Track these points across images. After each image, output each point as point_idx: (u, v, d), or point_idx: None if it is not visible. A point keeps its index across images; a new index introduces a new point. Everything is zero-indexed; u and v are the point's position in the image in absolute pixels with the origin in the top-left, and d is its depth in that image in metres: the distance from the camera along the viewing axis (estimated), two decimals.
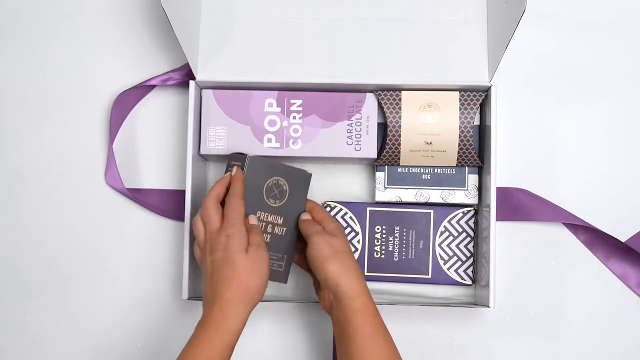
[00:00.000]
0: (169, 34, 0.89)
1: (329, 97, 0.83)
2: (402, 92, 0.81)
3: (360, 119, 0.83)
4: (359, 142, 0.83)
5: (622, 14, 0.89)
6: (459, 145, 0.80)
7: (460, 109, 0.80)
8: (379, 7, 0.83)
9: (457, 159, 0.82)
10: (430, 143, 0.80)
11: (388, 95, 0.81)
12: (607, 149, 0.88)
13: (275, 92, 0.83)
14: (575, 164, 0.88)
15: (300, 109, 0.83)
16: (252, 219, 0.76)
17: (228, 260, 0.70)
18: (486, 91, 0.82)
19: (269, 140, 0.83)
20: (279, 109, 0.83)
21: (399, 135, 0.80)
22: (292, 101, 0.83)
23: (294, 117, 0.83)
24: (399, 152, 0.81)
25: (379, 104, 0.81)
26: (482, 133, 0.84)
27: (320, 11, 0.84)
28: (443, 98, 0.81)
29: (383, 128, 0.83)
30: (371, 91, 0.83)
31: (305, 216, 0.79)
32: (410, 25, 0.83)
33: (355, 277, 0.72)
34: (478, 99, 0.80)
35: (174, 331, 0.87)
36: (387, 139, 0.81)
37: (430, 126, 0.80)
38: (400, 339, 0.86)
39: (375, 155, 0.82)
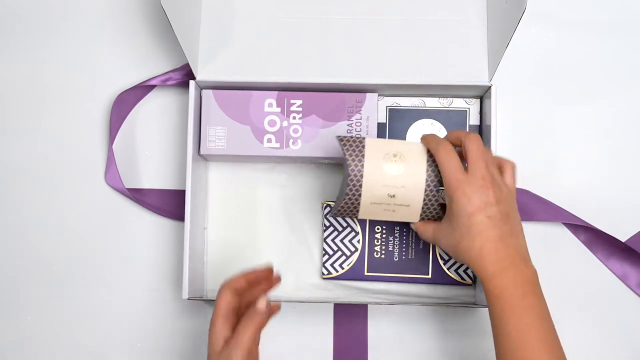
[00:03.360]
0: (169, 34, 0.89)
1: (329, 97, 0.83)
2: (366, 139, 0.74)
3: (360, 119, 0.83)
4: None
5: (622, 14, 0.89)
6: (424, 200, 0.73)
7: (428, 160, 0.73)
8: (378, 7, 0.83)
9: (421, 214, 0.75)
10: (394, 196, 0.73)
11: (351, 142, 0.73)
12: (608, 149, 0.88)
13: (275, 93, 0.83)
14: (575, 164, 0.88)
15: (300, 109, 0.83)
16: (261, 303, 0.67)
17: None
18: (484, 94, 0.82)
19: (269, 140, 0.83)
20: (278, 109, 0.83)
21: (360, 186, 0.73)
22: (292, 101, 0.83)
23: (294, 117, 0.83)
24: (359, 203, 0.74)
25: (341, 150, 0.73)
26: (482, 133, 0.84)
27: (320, 11, 0.84)
28: (409, 148, 0.74)
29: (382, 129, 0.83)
30: (371, 91, 0.83)
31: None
32: (410, 25, 0.83)
33: (488, 257, 0.66)
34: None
35: (174, 331, 0.87)
36: (347, 188, 0.73)
37: (395, 178, 0.73)
38: (400, 339, 0.87)
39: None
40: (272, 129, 0.83)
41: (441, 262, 0.84)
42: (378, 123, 0.84)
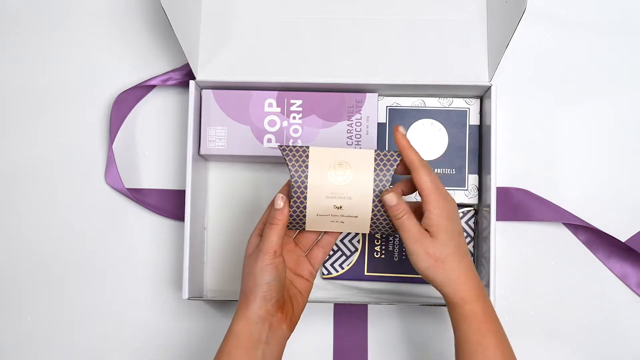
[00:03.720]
0: (169, 34, 0.89)
1: (329, 97, 0.83)
2: (310, 148, 0.70)
3: (360, 119, 0.83)
4: (359, 142, 0.83)
5: (622, 14, 0.89)
6: (373, 211, 0.70)
7: (375, 169, 0.70)
8: (378, 7, 0.83)
9: (371, 226, 0.72)
10: (340, 207, 0.70)
11: (294, 152, 0.69)
12: (608, 149, 0.88)
13: (275, 93, 0.83)
14: (575, 163, 0.88)
15: (300, 109, 0.83)
16: (277, 201, 0.70)
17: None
18: (484, 94, 0.82)
19: (269, 140, 0.83)
20: (278, 109, 0.83)
21: (305, 197, 0.70)
22: (292, 101, 0.83)
23: (294, 117, 0.83)
24: (304, 215, 0.71)
25: (284, 159, 0.70)
26: (482, 133, 0.84)
27: (320, 11, 0.84)
28: (355, 156, 0.70)
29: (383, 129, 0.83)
30: (371, 91, 0.83)
31: (392, 200, 0.69)
32: (410, 25, 0.83)
33: (462, 283, 0.69)
34: (395, 160, 0.70)
35: (174, 331, 0.87)
36: (292, 200, 0.70)
37: (341, 188, 0.70)
38: (400, 339, 0.87)
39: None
40: (272, 129, 0.83)
41: None
42: (378, 123, 0.84)
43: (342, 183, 0.70)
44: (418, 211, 0.72)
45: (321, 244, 0.77)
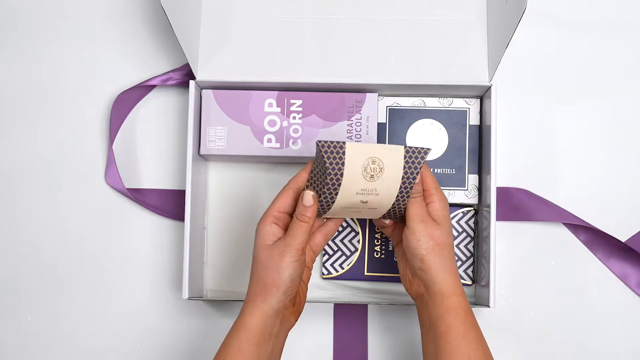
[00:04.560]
0: (169, 34, 0.89)
1: (328, 97, 0.83)
2: (347, 144, 0.68)
3: (360, 119, 0.83)
4: (360, 142, 0.82)
5: (622, 14, 0.89)
6: (392, 204, 0.72)
7: (404, 167, 0.70)
8: (379, 7, 0.83)
9: (384, 215, 0.74)
10: (366, 202, 0.71)
11: (332, 147, 0.68)
12: (608, 149, 0.88)
13: (275, 93, 0.83)
14: (575, 163, 0.88)
15: (300, 109, 0.83)
16: (307, 198, 0.70)
17: (253, 257, 0.71)
18: (484, 94, 0.82)
19: (269, 140, 0.83)
20: (278, 109, 0.83)
21: (336, 193, 0.70)
22: (292, 101, 0.83)
23: (294, 117, 0.83)
24: (329, 207, 0.72)
25: (320, 155, 0.69)
26: (482, 133, 0.84)
27: (320, 11, 0.84)
28: (387, 154, 0.70)
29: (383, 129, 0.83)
30: (371, 91, 0.83)
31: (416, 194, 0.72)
32: (410, 25, 0.83)
33: (451, 275, 0.70)
34: (423, 156, 0.70)
35: (174, 331, 0.87)
36: (322, 193, 0.70)
37: (371, 184, 0.70)
38: (400, 339, 0.86)
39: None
40: (272, 129, 0.83)
41: None
42: (378, 123, 0.84)
43: (374, 180, 0.70)
44: None
45: (324, 230, 0.76)
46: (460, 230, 0.84)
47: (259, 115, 0.83)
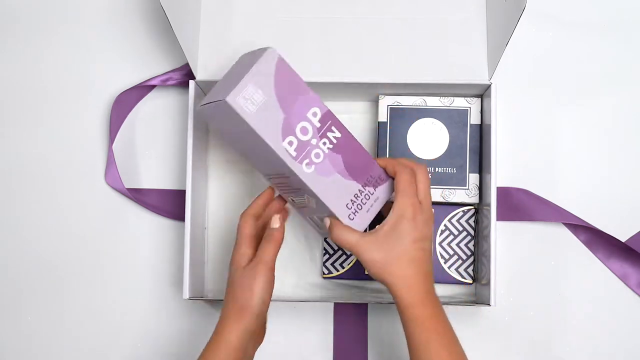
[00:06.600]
0: (169, 34, 0.89)
1: (362, 152, 0.74)
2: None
3: (372, 194, 0.75)
4: (355, 214, 0.74)
5: (622, 14, 0.89)
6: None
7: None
8: (379, 6, 0.84)
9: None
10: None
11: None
12: (607, 149, 0.88)
13: (326, 108, 0.73)
14: (575, 163, 0.88)
15: (335, 141, 0.73)
16: (274, 221, 0.74)
17: (228, 279, 0.74)
18: (484, 93, 0.82)
19: (290, 143, 0.71)
20: (318, 124, 0.72)
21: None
22: (333, 128, 0.73)
23: (324, 143, 0.73)
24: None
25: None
26: (482, 132, 0.84)
27: (320, 11, 0.84)
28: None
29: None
30: (372, 91, 0.83)
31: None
32: (410, 25, 0.83)
33: (410, 287, 0.70)
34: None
35: (174, 331, 0.87)
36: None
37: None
38: (400, 338, 0.86)
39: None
40: (301, 136, 0.72)
41: (441, 262, 0.84)
42: (379, 122, 0.84)
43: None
44: None
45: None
46: (460, 229, 0.84)
47: (299, 114, 0.72)
